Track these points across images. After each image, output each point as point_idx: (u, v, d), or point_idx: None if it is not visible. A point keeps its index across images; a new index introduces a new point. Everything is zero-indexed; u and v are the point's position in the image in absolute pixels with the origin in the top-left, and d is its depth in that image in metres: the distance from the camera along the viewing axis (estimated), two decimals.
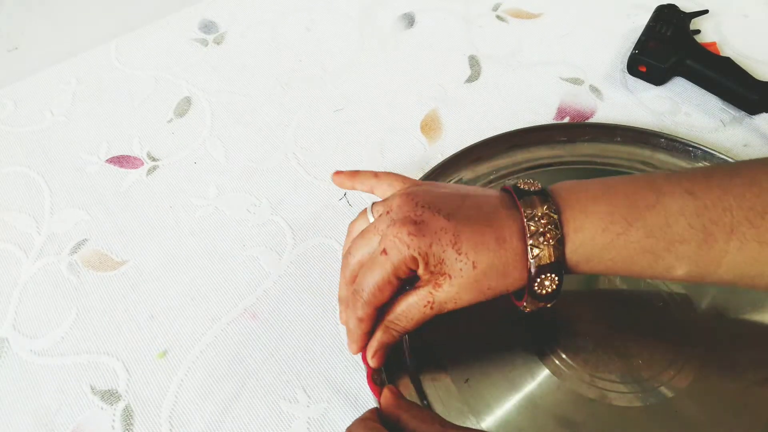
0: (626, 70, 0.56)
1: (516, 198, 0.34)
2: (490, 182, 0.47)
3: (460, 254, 0.32)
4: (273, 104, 0.56)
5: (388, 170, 0.50)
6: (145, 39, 0.62)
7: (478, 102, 0.55)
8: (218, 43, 0.62)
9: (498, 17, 0.62)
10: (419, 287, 0.34)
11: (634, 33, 0.59)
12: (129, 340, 0.42)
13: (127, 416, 0.39)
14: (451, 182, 0.47)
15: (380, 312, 0.35)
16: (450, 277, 0.33)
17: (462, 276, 0.33)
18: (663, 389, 0.36)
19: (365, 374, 0.37)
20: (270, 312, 0.43)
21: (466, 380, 0.37)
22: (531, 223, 0.32)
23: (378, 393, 0.36)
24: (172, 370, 0.41)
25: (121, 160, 0.52)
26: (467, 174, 0.48)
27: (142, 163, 0.52)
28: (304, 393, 0.39)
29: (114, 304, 0.44)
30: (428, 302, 0.34)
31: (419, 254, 0.32)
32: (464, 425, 0.36)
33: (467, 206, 0.34)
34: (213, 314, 0.43)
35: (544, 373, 0.37)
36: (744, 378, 0.37)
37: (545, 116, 0.53)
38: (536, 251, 0.32)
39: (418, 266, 0.33)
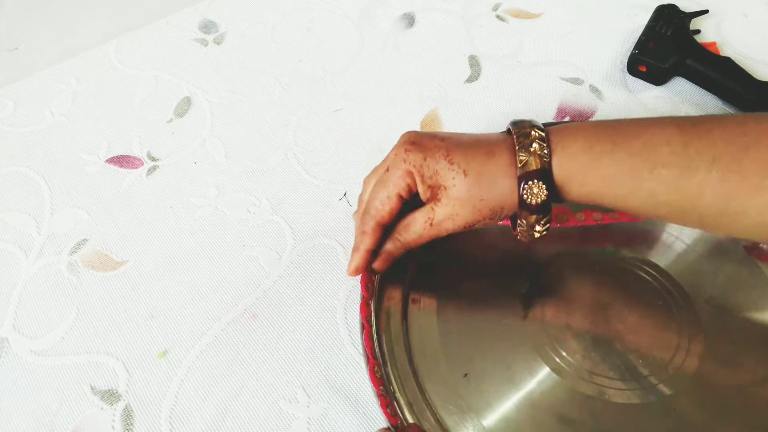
0: (626, 70, 0.56)
1: (510, 126, 0.36)
2: None
3: (452, 164, 0.35)
4: (273, 104, 0.56)
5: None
6: (145, 39, 0.62)
7: (478, 102, 0.55)
8: (218, 43, 0.62)
9: (498, 17, 0.63)
10: (424, 206, 0.37)
11: (634, 33, 0.59)
12: (129, 340, 0.42)
13: (127, 416, 0.39)
14: None
15: (387, 234, 0.39)
16: (445, 188, 0.36)
17: (455, 185, 0.35)
18: (661, 387, 0.36)
19: (367, 367, 0.37)
20: (270, 312, 0.43)
21: (465, 375, 0.38)
22: (521, 138, 0.34)
23: (378, 385, 0.36)
24: (172, 370, 0.41)
25: (121, 160, 0.52)
26: None
27: (142, 163, 0.52)
28: (304, 393, 0.39)
29: (114, 304, 0.44)
30: (429, 218, 0.37)
31: (414, 167, 0.36)
32: (463, 421, 0.36)
33: (463, 136, 0.37)
34: (213, 314, 0.43)
35: (543, 371, 0.37)
36: (742, 377, 0.37)
37: (545, 116, 0.53)
38: (523, 157, 0.34)
39: (415, 183, 0.36)
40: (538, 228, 0.36)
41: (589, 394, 0.36)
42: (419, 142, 0.36)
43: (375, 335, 0.38)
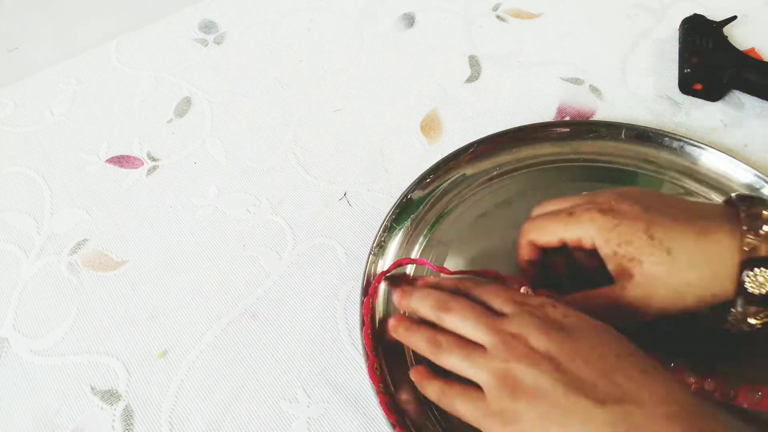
0: (679, 91, 0.54)
1: (733, 200, 0.31)
2: (492, 179, 0.47)
3: (652, 239, 0.30)
4: (273, 104, 0.56)
5: (388, 170, 0.50)
6: (145, 39, 0.62)
7: (478, 102, 0.55)
8: (218, 43, 0.62)
9: (498, 17, 0.62)
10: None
11: (634, 33, 0.59)
12: (129, 340, 0.42)
13: (127, 416, 0.39)
14: (453, 178, 0.47)
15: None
16: (639, 262, 0.30)
17: (654, 263, 0.30)
18: None
19: (366, 364, 0.37)
20: (270, 312, 0.43)
21: None
22: (750, 218, 0.29)
23: (377, 383, 0.36)
24: (172, 370, 0.41)
25: (121, 160, 0.52)
26: (469, 170, 0.48)
27: (142, 163, 0.52)
28: (304, 393, 0.39)
29: (114, 304, 0.44)
30: (614, 292, 0.32)
31: (600, 231, 0.31)
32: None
33: (672, 205, 0.32)
34: (213, 314, 0.43)
35: None
36: (742, 377, 0.37)
37: (545, 116, 0.53)
38: (750, 240, 0.29)
39: (594, 244, 0.32)
40: (752, 321, 0.31)
41: None
42: (618, 209, 0.32)
43: (375, 333, 0.38)
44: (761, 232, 0.29)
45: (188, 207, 0.49)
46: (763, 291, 0.29)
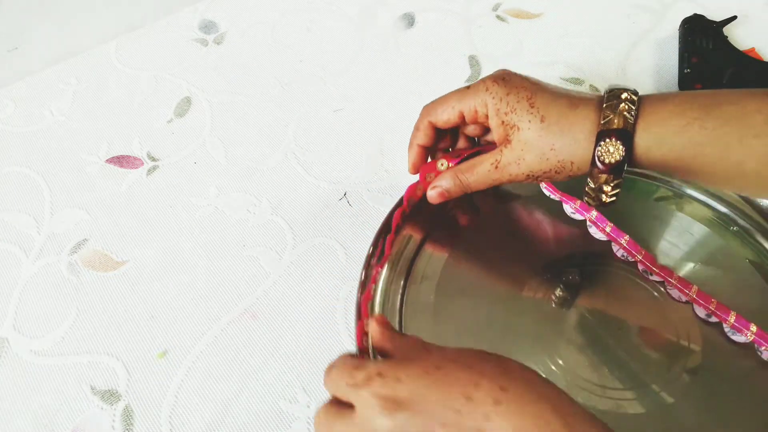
0: (678, 89, 0.54)
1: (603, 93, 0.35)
2: None
3: (532, 107, 0.35)
4: (273, 104, 0.56)
5: (388, 170, 0.50)
6: (145, 39, 0.62)
7: None
8: (218, 43, 0.62)
9: (498, 17, 0.63)
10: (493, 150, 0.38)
11: (634, 33, 0.59)
12: (129, 340, 0.42)
13: (127, 416, 0.39)
14: None
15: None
16: (518, 129, 0.35)
17: (529, 129, 0.35)
18: (663, 394, 0.36)
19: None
20: (270, 312, 0.43)
21: None
22: (611, 98, 0.34)
23: None
24: (172, 370, 0.41)
25: (121, 160, 0.52)
26: None
27: (142, 163, 0.52)
28: (304, 393, 0.39)
29: (114, 304, 0.44)
30: (496, 160, 0.37)
31: (493, 98, 0.36)
32: None
33: (553, 86, 0.37)
34: (213, 314, 0.43)
35: None
36: (742, 382, 0.37)
37: None
38: (608, 116, 0.33)
39: (486, 115, 0.37)
40: (606, 189, 0.35)
41: (582, 401, 0.36)
42: (509, 79, 0.36)
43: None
44: (617, 109, 0.33)
45: (188, 207, 0.49)
46: (612, 160, 0.33)
